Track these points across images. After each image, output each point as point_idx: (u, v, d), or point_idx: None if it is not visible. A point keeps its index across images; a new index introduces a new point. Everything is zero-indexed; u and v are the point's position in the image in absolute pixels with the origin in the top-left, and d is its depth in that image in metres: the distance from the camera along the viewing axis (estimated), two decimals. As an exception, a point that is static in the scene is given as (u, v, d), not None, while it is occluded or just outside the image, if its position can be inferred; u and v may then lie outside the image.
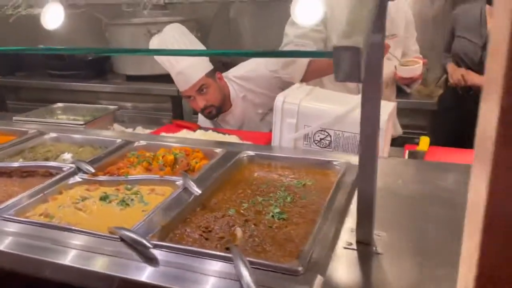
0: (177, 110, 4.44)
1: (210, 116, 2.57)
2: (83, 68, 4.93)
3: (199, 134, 2.22)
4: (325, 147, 1.79)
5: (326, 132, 1.76)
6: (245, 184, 1.54)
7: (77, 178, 1.55)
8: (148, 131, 2.52)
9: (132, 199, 1.41)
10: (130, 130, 2.52)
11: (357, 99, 1.74)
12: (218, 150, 1.78)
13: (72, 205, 1.38)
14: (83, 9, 3.95)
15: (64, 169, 1.63)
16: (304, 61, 2.19)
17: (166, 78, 4.49)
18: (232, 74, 2.60)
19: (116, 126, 2.52)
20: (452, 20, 2.98)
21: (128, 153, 1.81)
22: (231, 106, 2.59)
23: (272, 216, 1.30)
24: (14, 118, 2.33)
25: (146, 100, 4.57)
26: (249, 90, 2.60)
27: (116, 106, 2.60)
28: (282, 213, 1.31)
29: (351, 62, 0.64)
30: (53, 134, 2.04)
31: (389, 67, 2.29)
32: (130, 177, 1.54)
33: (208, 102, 2.48)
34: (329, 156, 1.67)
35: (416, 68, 2.19)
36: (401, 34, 2.39)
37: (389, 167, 1.59)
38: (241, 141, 2.14)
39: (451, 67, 2.93)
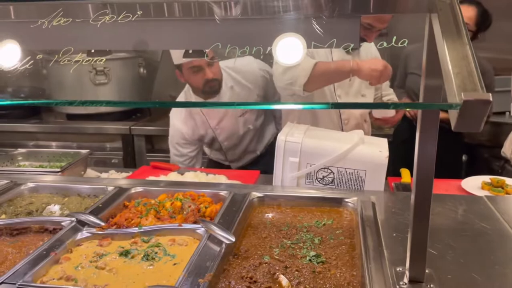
0: (128, 149, 4.27)
1: (212, 91, 2.51)
2: (15, 107, 4.59)
3: (189, 176, 2.15)
4: (327, 184, 1.82)
5: (329, 169, 1.79)
6: (265, 227, 1.51)
7: (85, 233, 1.42)
8: (124, 174, 2.39)
9: (155, 252, 1.32)
10: (105, 175, 2.37)
11: (356, 137, 1.81)
12: (223, 192, 1.74)
13: (91, 265, 1.26)
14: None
15: (64, 223, 1.48)
16: (309, 66, 2.15)
17: (112, 117, 4.36)
18: (224, 64, 2.58)
19: (89, 171, 2.36)
20: (405, 58, 3.23)
21: (128, 201, 1.70)
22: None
23: (310, 260, 1.29)
24: (-25, 167, 2.09)
25: (92, 139, 4.33)
26: (237, 82, 2.61)
27: (88, 150, 2.44)
28: (318, 256, 1.30)
29: (479, 114, 0.68)
30: (30, 184, 1.86)
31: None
32: (145, 228, 1.44)
33: (214, 76, 2.44)
34: (337, 194, 1.70)
35: (388, 112, 2.32)
36: None
37: (401, 202, 1.65)
38: (231, 181, 2.11)
39: (407, 101, 3.15)
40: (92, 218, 1.47)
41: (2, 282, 1.15)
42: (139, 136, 4.17)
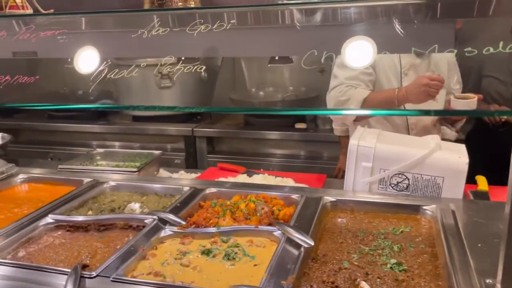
0: (190, 150, 4.38)
1: None
2: (86, 109, 4.83)
3: (258, 179, 2.19)
4: (401, 191, 1.78)
5: (404, 175, 1.76)
6: (340, 232, 1.51)
7: (168, 231, 1.48)
8: (194, 175, 2.46)
9: (235, 253, 1.36)
10: (176, 175, 2.46)
11: (432, 142, 1.76)
12: (295, 196, 1.75)
13: (176, 262, 1.32)
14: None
15: (146, 221, 1.56)
16: (358, 102, 2.22)
17: (175, 119, 4.50)
18: None
19: (161, 171, 2.46)
20: (479, 60, 3.09)
21: (203, 201, 1.76)
22: None
23: (391, 267, 1.27)
24: (59, 166, 2.24)
25: (155, 140, 4.48)
26: None
27: (161, 151, 2.55)
28: (400, 264, 1.28)
29: None
30: (112, 183, 1.97)
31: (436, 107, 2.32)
32: (223, 229, 1.49)
33: None
34: (414, 201, 1.67)
35: (471, 102, 2.20)
36: (444, 76, 2.46)
37: (483, 211, 1.58)
38: (300, 184, 2.12)
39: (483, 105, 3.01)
40: (174, 217, 1.53)
41: (97, 275, 1.22)
42: (201, 137, 4.26)
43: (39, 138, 4.70)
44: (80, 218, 1.61)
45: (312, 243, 1.32)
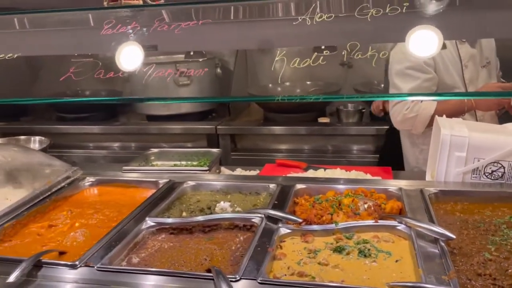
0: (214, 148, 4.28)
1: None
2: (97, 110, 4.68)
3: (334, 173, 2.14)
4: (496, 179, 1.75)
5: (500, 163, 1.73)
6: (459, 223, 1.47)
7: (285, 229, 1.42)
8: (253, 172, 2.40)
9: (368, 249, 1.31)
10: (236, 172, 2.39)
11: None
12: (392, 188, 1.71)
13: (312, 261, 1.26)
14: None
15: (254, 220, 1.50)
16: (427, 114, 2.25)
17: (193, 117, 4.40)
18: None
19: (223, 169, 2.39)
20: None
21: (296, 198, 1.69)
22: None
23: (535, 256, 1.24)
24: (123, 168, 2.14)
25: (174, 140, 4.37)
26: None
27: (220, 149, 2.47)
28: (543, 252, 1.25)
29: None
30: (191, 183, 1.89)
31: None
32: (341, 225, 1.43)
33: None
34: (516, 189, 1.65)
35: None
36: (492, 60, 2.44)
37: None
38: (375, 177, 2.08)
39: None
40: (289, 215, 1.47)
41: (241, 278, 1.16)
42: (224, 135, 4.18)
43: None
44: (182, 220, 1.53)
45: (454, 236, 1.27)
